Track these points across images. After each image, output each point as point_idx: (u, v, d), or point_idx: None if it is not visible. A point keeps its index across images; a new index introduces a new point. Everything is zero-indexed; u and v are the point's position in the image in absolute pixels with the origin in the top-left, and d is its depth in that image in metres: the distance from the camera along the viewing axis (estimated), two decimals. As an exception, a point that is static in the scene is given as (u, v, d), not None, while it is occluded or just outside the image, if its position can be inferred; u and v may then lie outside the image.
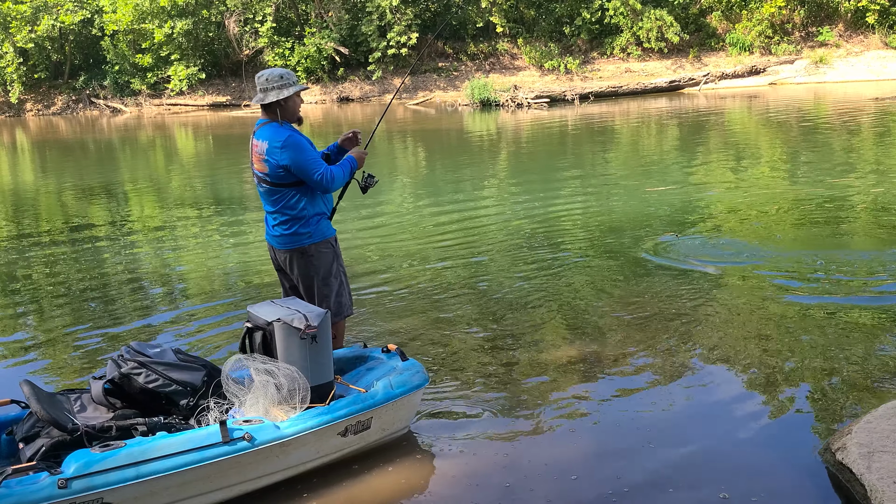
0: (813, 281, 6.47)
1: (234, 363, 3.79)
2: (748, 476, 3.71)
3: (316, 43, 29.54)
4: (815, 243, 7.69)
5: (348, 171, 4.66)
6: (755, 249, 7.56)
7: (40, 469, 3.26)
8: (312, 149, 4.54)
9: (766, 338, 5.28)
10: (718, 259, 7.29)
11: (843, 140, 14.97)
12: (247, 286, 7.19)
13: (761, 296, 6.15)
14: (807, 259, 7.13)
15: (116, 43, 30.72)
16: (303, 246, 4.59)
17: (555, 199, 10.66)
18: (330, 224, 4.73)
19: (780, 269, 6.90)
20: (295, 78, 4.56)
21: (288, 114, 4.55)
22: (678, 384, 4.68)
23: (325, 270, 4.64)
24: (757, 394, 4.51)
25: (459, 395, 4.67)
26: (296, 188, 4.50)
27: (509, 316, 5.96)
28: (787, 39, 29.41)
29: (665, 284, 6.51)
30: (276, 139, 4.41)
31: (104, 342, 5.87)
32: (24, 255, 9.03)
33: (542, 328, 5.69)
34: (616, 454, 3.95)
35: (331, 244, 4.69)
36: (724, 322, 5.62)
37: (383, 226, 9.57)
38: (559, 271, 7.13)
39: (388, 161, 15.86)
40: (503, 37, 31.04)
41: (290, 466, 3.70)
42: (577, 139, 18.22)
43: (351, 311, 4.88)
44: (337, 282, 4.69)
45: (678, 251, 7.56)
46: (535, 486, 3.70)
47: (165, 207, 11.97)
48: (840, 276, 6.60)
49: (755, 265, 7.03)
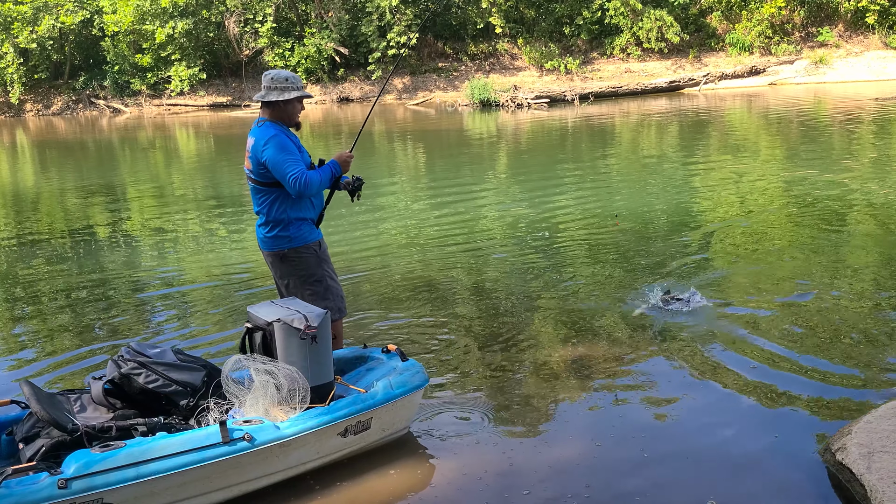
0: (811, 281, 6.46)
1: (233, 363, 3.79)
2: (748, 476, 3.71)
3: (316, 43, 29.54)
4: (814, 244, 7.68)
5: (327, 177, 4.51)
6: (755, 250, 7.56)
7: (40, 469, 3.26)
8: (295, 152, 4.44)
9: (767, 338, 5.28)
10: (719, 261, 7.29)
11: (844, 140, 14.97)
12: (247, 286, 7.19)
13: (760, 296, 6.15)
14: (807, 259, 7.13)
15: (117, 43, 30.72)
16: (282, 250, 4.59)
17: (555, 200, 10.66)
18: (314, 228, 4.66)
19: (779, 269, 6.90)
20: (301, 84, 4.54)
21: (285, 116, 4.54)
22: (678, 384, 4.68)
23: (307, 274, 4.61)
24: (757, 394, 4.51)
25: (459, 395, 4.67)
26: (279, 190, 4.48)
27: (509, 316, 5.96)
28: (786, 40, 29.41)
29: (666, 283, 6.51)
30: (263, 137, 4.42)
31: (104, 342, 5.87)
32: (25, 255, 9.03)
33: (542, 329, 5.69)
34: (615, 455, 3.95)
35: (313, 249, 4.62)
36: (723, 323, 5.61)
37: (383, 226, 9.56)
38: (559, 272, 7.13)
39: (388, 161, 15.86)
40: (503, 37, 31.03)
41: (290, 467, 3.70)
42: (576, 139, 18.22)
43: (340, 315, 4.77)
44: (322, 286, 4.63)
45: (680, 253, 7.56)
46: (534, 486, 3.70)
47: (165, 207, 11.97)
48: (840, 276, 6.60)
49: (755, 265, 7.03)
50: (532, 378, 4.86)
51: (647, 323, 5.67)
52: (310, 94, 4.66)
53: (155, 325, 6.28)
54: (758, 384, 4.62)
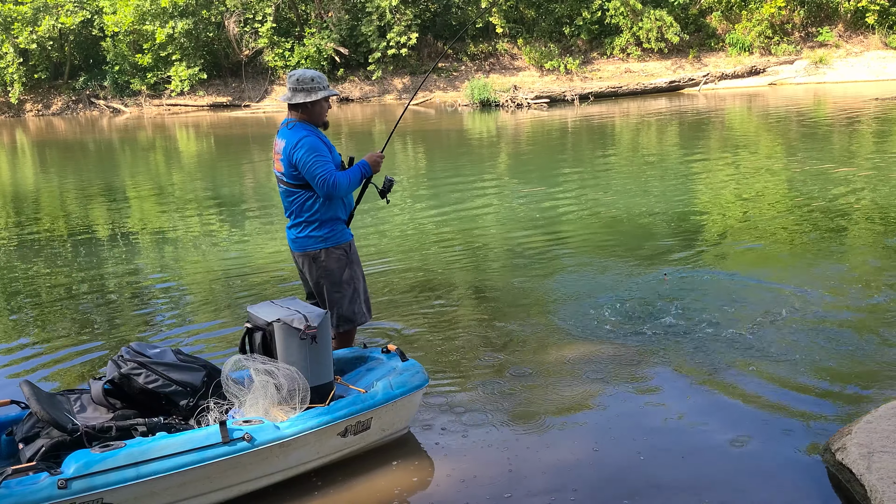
0: (811, 281, 6.46)
1: (233, 363, 3.79)
2: (748, 477, 3.71)
3: (316, 43, 29.54)
4: (814, 243, 7.68)
5: (356, 177, 4.53)
6: (755, 250, 7.56)
7: (40, 469, 3.26)
8: (326, 153, 4.44)
9: (767, 339, 5.28)
10: (718, 262, 7.30)
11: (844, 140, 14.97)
12: (247, 286, 7.19)
13: (762, 297, 6.15)
14: (807, 259, 7.13)
15: (117, 43, 30.71)
16: (315, 250, 4.58)
17: (555, 199, 10.66)
18: (346, 229, 4.66)
19: (779, 269, 6.90)
20: (326, 83, 4.51)
21: (313, 117, 4.52)
22: (678, 384, 4.68)
23: (337, 276, 4.60)
24: (756, 394, 4.51)
25: (459, 395, 4.67)
26: (310, 191, 4.48)
27: (510, 316, 5.96)
28: (786, 40, 29.40)
29: (665, 285, 6.51)
30: (293, 139, 4.41)
31: (104, 343, 5.87)
32: (25, 255, 9.03)
33: (542, 329, 5.69)
34: (616, 455, 3.95)
35: (344, 250, 4.62)
36: (723, 323, 5.61)
37: (383, 226, 9.56)
38: (559, 272, 7.12)
39: (388, 161, 15.85)
40: (503, 37, 31.03)
41: (289, 467, 3.70)
42: (576, 139, 18.22)
43: (366, 319, 4.78)
44: (350, 288, 4.63)
45: (680, 253, 7.56)
46: (533, 486, 3.70)
47: (165, 208, 11.97)
48: (840, 276, 6.60)
49: (755, 264, 7.03)
50: (532, 378, 4.86)
51: (648, 324, 5.66)
52: (336, 91, 4.63)
53: (155, 325, 6.28)
54: (757, 384, 4.62)
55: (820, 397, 4.45)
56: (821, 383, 4.61)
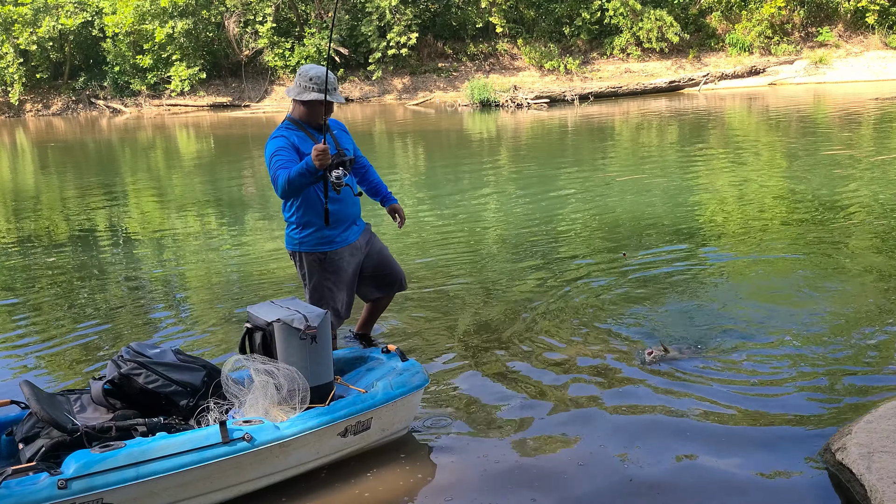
0: (811, 281, 6.46)
1: (233, 364, 3.79)
2: (748, 476, 3.71)
3: (316, 43, 29.55)
4: (814, 244, 7.67)
5: (296, 174, 4.17)
6: (755, 249, 7.56)
7: (40, 469, 3.26)
8: (288, 152, 4.30)
9: (766, 338, 5.28)
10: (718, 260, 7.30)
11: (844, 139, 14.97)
12: (247, 286, 7.19)
13: (761, 297, 6.15)
14: (807, 259, 7.13)
15: (117, 44, 30.72)
16: (291, 250, 4.71)
17: (555, 199, 10.66)
18: (328, 237, 4.59)
19: (779, 268, 6.90)
20: (324, 87, 4.32)
21: (305, 115, 4.51)
22: (678, 385, 4.68)
23: (308, 280, 4.70)
24: (755, 394, 4.50)
25: (459, 395, 4.67)
26: None
27: (510, 316, 5.95)
28: (786, 40, 29.42)
29: (666, 285, 6.51)
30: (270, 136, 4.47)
31: (104, 343, 5.87)
32: (25, 255, 9.02)
33: (542, 330, 5.68)
34: (616, 456, 3.95)
35: (318, 258, 4.61)
36: (719, 324, 5.61)
37: (382, 227, 9.56)
38: (560, 272, 7.12)
39: (389, 161, 15.85)
40: (503, 37, 31.03)
41: (289, 467, 3.70)
42: (576, 139, 18.22)
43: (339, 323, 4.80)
44: (318, 295, 4.67)
45: (680, 253, 7.56)
46: (533, 487, 3.70)
47: (165, 208, 11.97)
48: (840, 276, 6.60)
49: (754, 266, 7.03)
50: (533, 379, 4.85)
51: (647, 324, 5.67)
52: (334, 99, 4.39)
53: (155, 325, 6.28)
54: (757, 384, 4.62)
55: (820, 396, 4.45)
56: (821, 382, 4.61)
